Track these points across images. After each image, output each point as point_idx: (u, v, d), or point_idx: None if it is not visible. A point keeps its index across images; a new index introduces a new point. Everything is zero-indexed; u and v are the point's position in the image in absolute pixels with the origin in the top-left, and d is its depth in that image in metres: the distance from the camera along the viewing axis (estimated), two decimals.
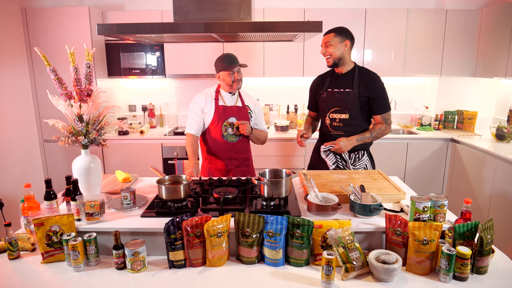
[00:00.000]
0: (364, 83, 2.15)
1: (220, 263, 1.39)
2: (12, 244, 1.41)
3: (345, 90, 2.18)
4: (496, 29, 3.35)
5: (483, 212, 3.03)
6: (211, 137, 2.31)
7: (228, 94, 2.33)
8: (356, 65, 2.22)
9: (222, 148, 2.31)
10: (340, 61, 2.17)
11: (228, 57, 2.22)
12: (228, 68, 2.20)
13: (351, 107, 2.17)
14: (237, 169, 2.36)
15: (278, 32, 1.58)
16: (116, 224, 1.48)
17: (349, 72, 2.21)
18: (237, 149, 2.34)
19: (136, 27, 1.57)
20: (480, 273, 1.31)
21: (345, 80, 2.20)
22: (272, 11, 3.55)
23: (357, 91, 2.15)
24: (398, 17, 3.56)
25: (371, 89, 2.14)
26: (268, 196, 1.60)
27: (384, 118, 2.20)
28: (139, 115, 4.09)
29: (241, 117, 2.32)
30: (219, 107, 2.29)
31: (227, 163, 2.33)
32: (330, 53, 2.14)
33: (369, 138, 2.19)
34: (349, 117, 2.19)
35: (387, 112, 2.20)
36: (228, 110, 2.30)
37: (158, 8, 3.69)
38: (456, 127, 3.92)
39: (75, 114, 1.63)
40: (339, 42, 2.13)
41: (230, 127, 2.29)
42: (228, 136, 2.30)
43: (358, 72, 2.19)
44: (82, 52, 1.73)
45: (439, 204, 1.41)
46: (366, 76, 2.17)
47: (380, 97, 2.16)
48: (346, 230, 1.34)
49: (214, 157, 2.33)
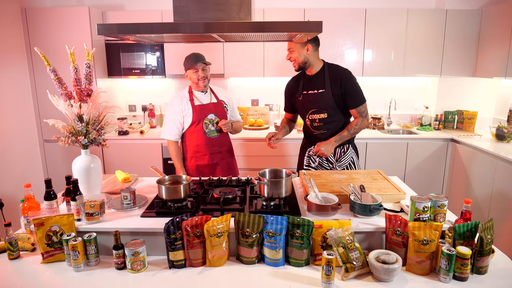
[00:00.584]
0: (335, 81, 2.17)
1: (220, 263, 1.39)
2: (12, 244, 1.41)
3: (319, 91, 2.21)
4: (496, 29, 3.35)
5: (483, 212, 3.03)
6: (194, 137, 2.38)
7: (201, 93, 2.40)
8: (325, 64, 2.24)
9: (206, 145, 2.38)
10: (306, 64, 2.20)
11: (193, 56, 2.30)
12: (192, 66, 2.28)
13: (328, 106, 2.21)
14: (222, 161, 2.45)
15: (278, 32, 1.58)
16: (116, 224, 1.48)
17: (319, 72, 2.23)
18: (220, 143, 2.44)
19: (136, 27, 1.56)
20: (480, 273, 1.31)
21: (317, 81, 2.23)
22: (272, 11, 3.55)
23: (330, 90, 2.18)
24: (398, 17, 3.56)
25: (341, 85, 2.16)
26: (268, 196, 1.60)
27: (359, 111, 2.21)
28: (139, 115, 4.09)
29: (218, 112, 2.40)
30: (196, 107, 2.35)
31: (213, 157, 2.41)
32: (294, 58, 2.19)
33: (347, 136, 2.21)
34: (327, 116, 2.23)
35: (361, 105, 2.21)
36: (205, 108, 2.37)
37: (158, 8, 3.69)
38: (456, 127, 3.92)
39: (75, 114, 1.63)
40: (300, 47, 2.15)
41: (211, 124, 2.37)
42: (210, 133, 2.38)
43: (328, 71, 2.21)
44: (82, 52, 1.73)
45: (439, 204, 1.41)
46: (336, 74, 2.19)
47: (352, 91, 2.17)
48: (346, 230, 1.34)
49: (199, 154, 2.40)
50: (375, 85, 4.03)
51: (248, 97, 4.11)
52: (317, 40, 2.21)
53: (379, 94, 4.07)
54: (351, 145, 2.33)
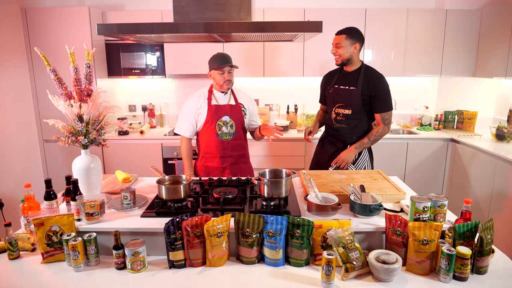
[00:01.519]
0: (368, 82, 2.25)
1: (220, 263, 1.39)
2: (12, 244, 1.41)
3: (350, 88, 2.30)
4: (496, 29, 3.35)
5: (483, 212, 3.03)
6: (206, 137, 2.32)
7: (221, 93, 2.34)
8: (363, 65, 2.32)
9: (216, 147, 2.31)
10: (349, 62, 2.28)
11: (221, 56, 2.24)
12: (219, 68, 2.21)
13: (354, 103, 2.28)
14: (233, 166, 2.37)
15: (278, 32, 1.58)
16: (116, 224, 1.48)
17: (355, 70, 2.31)
18: (232, 147, 2.35)
19: (136, 27, 1.56)
20: (480, 273, 1.31)
21: (351, 78, 2.31)
22: (272, 11, 3.55)
23: (361, 89, 2.25)
24: (398, 17, 3.56)
25: (373, 88, 2.23)
26: (268, 196, 1.60)
27: (383, 118, 2.28)
28: (139, 115, 4.09)
29: (234, 115, 2.33)
30: (212, 107, 2.30)
31: (222, 160, 2.34)
32: (340, 54, 2.26)
33: (367, 143, 2.31)
34: (351, 113, 2.31)
35: (387, 112, 2.27)
36: (221, 109, 2.30)
37: (158, 8, 3.69)
38: (456, 127, 3.92)
39: (75, 114, 1.63)
40: (349, 44, 2.24)
41: (224, 126, 2.31)
42: (223, 135, 2.31)
43: (364, 72, 2.28)
44: (82, 52, 1.73)
45: (439, 204, 1.41)
46: (371, 76, 2.27)
47: (381, 96, 2.24)
48: (346, 230, 1.34)
49: (209, 155, 2.34)
50: None
51: None
52: (363, 40, 2.30)
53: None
54: (367, 149, 2.41)
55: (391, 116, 2.30)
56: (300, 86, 3.97)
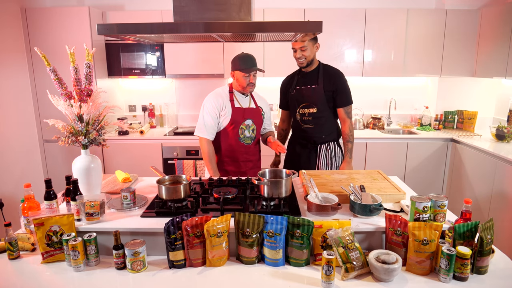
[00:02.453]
0: (328, 78, 2.31)
1: (220, 263, 1.39)
2: (12, 244, 1.41)
3: (312, 86, 2.33)
4: (496, 29, 3.35)
5: (483, 212, 3.03)
6: (227, 140, 2.23)
7: (242, 95, 2.27)
8: (320, 63, 2.37)
9: (238, 151, 2.24)
10: (312, 62, 2.33)
11: (248, 58, 2.17)
12: (245, 70, 2.14)
13: (318, 101, 2.32)
14: (251, 170, 2.32)
15: (278, 32, 1.58)
16: (116, 224, 1.48)
17: (314, 70, 2.35)
18: (252, 151, 2.30)
19: (136, 27, 1.56)
20: (480, 273, 1.31)
21: (311, 77, 2.35)
22: (272, 11, 3.55)
23: (322, 86, 2.30)
24: (398, 17, 3.56)
25: (334, 83, 2.29)
26: (268, 196, 1.60)
27: (346, 111, 2.34)
28: (139, 115, 4.09)
29: (256, 118, 2.27)
30: (236, 109, 2.20)
31: (243, 165, 2.28)
32: (306, 56, 2.27)
33: (352, 146, 2.37)
34: (317, 111, 2.33)
35: (349, 106, 2.34)
36: (245, 112, 2.22)
37: (158, 8, 3.69)
38: (456, 127, 3.92)
39: (75, 114, 1.63)
40: (312, 45, 2.26)
41: (247, 130, 2.23)
42: (245, 139, 2.24)
43: (323, 69, 2.34)
44: (82, 52, 1.73)
45: (439, 204, 1.41)
46: (330, 72, 2.33)
47: (342, 90, 2.31)
48: (346, 230, 1.34)
49: (229, 159, 2.26)
50: (375, 85, 4.03)
51: None
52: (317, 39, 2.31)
53: (379, 94, 4.07)
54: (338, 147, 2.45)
55: (352, 110, 2.38)
56: None
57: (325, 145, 2.39)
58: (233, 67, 2.21)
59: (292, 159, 2.51)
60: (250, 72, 2.15)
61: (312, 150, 2.41)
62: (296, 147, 2.49)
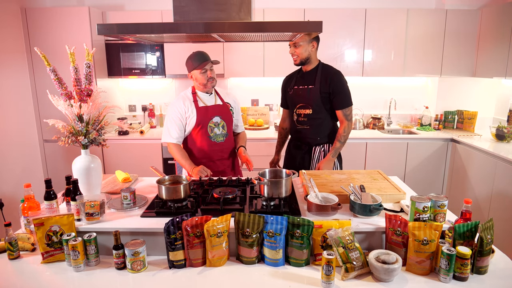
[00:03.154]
0: (325, 79, 2.23)
1: (220, 263, 1.39)
2: (12, 244, 1.41)
3: (308, 87, 2.27)
4: (496, 29, 3.35)
5: (483, 212, 3.03)
6: (199, 141, 2.22)
7: (206, 94, 2.24)
8: (320, 63, 2.30)
9: (211, 150, 2.22)
10: (307, 61, 2.25)
11: (199, 55, 2.13)
12: (199, 66, 2.10)
13: (313, 102, 2.26)
14: (228, 168, 2.32)
15: (278, 32, 1.58)
16: (116, 224, 1.48)
17: (313, 69, 2.29)
18: (227, 149, 2.29)
19: (136, 27, 1.56)
20: (480, 273, 1.31)
21: (309, 77, 2.29)
22: (272, 11, 3.55)
23: (319, 87, 2.23)
24: (398, 17, 3.56)
25: (331, 84, 2.21)
26: (268, 196, 1.60)
27: (345, 114, 2.25)
28: (139, 115, 4.09)
29: (224, 115, 2.25)
30: (201, 109, 2.18)
31: (219, 164, 2.26)
32: (298, 53, 2.21)
33: (340, 146, 2.27)
34: (312, 112, 2.28)
35: (347, 108, 2.25)
36: (210, 110, 2.21)
37: (158, 8, 3.69)
38: (456, 127, 3.92)
39: (75, 114, 1.63)
40: (307, 43, 2.19)
41: (216, 127, 2.21)
42: (216, 137, 2.22)
43: (321, 70, 2.27)
44: (82, 52, 1.73)
45: (439, 204, 1.41)
46: (328, 73, 2.25)
47: (340, 92, 2.22)
48: (346, 230, 1.34)
49: (204, 161, 2.23)
50: (375, 85, 4.03)
51: (248, 97, 4.11)
52: (318, 38, 2.26)
53: (379, 94, 4.07)
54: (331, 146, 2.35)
55: (352, 112, 2.29)
56: None
57: (319, 147, 2.33)
58: (188, 69, 2.19)
59: (288, 160, 2.50)
60: (205, 67, 2.12)
61: (306, 152, 2.36)
62: (291, 148, 2.47)
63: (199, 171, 2.04)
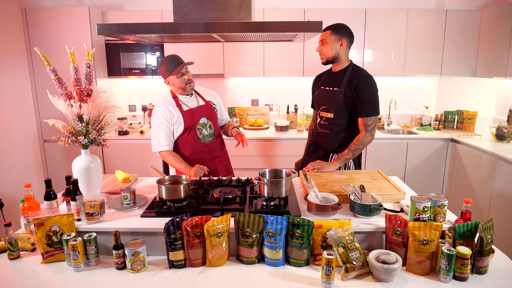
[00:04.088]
0: (351, 82, 2.06)
1: (220, 263, 1.39)
2: (12, 244, 1.41)
3: (333, 89, 2.12)
4: (496, 29, 3.35)
5: (483, 212, 3.03)
6: (188, 145, 2.20)
7: (186, 97, 2.20)
8: (351, 64, 2.14)
9: (202, 151, 2.22)
10: (335, 60, 2.10)
11: (171, 59, 2.08)
12: (175, 71, 2.05)
13: (335, 106, 2.11)
14: (220, 165, 2.32)
15: (278, 32, 1.58)
16: (116, 224, 1.48)
17: (342, 70, 2.13)
18: (216, 147, 2.28)
19: (136, 27, 1.57)
20: (480, 273, 1.31)
21: (336, 79, 2.13)
22: (272, 11, 3.55)
23: (343, 90, 2.07)
24: (398, 17, 3.56)
25: (356, 89, 2.03)
26: (268, 196, 1.60)
27: (365, 123, 2.05)
28: (139, 115, 4.09)
29: (209, 115, 2.24)
30: (186, 113, 2.15)
31: (211, 163, 2.25)
32: (324, 52, 2.08)
33: (348, 155, 2.07)
34: (333, 117, 2.14)
35: (370, 117, 2.05)
36: (196, 112, 2.18)
37: (158, 8, 3.69)
38: (456, 127, 3.92)
39: (75, 114, 1.63)
40: (334, 40, 2.05)
41: (204, 128, 2.19)
42: (205, 138, 2.21)
43: (350, 71, 2.10)
44: (82, 52, 1.73)
45: (439, 204, 1.41)
46: (356, 76, 2.07)
47: (365, 98, 2.04)
48: (346, 230, 1.34)
49: (198, 162, 2.20)
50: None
51: (248, 97, 4.11)
52: (352, 36, 2.12)
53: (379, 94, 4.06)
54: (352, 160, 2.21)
55: (375, 123, 2.06)
56: (300, 86, 3.97)
57: (337, 155, 2.17)
58: (164, 75, 2.13)
59: (304, 163, 2.34)
60: (181, 70, 2.07)
61: (322, 158, 2.21)
62: (310, 151, 2.37)
63: (196, 172, 2.04)
